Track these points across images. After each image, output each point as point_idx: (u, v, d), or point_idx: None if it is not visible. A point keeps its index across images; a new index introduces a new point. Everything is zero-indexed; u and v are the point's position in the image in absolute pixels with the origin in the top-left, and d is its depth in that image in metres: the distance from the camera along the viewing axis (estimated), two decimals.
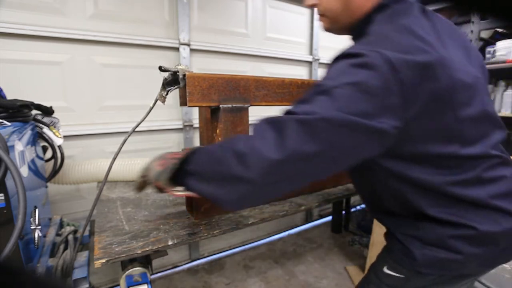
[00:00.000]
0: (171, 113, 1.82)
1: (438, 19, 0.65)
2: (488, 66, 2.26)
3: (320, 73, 2.49)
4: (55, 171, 1.15)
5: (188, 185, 0.62)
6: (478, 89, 0.60)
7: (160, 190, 0.71)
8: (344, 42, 0.69)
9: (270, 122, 0.56)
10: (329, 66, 0.59)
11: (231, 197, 0.55)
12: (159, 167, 0.67)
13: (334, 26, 0.75)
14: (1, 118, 0.84)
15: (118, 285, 1.43)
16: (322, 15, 0.74)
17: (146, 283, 0.77)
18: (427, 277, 0.65)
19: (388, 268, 0.70)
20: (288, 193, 1.12)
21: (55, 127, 1.10)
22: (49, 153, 1.13)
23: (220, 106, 0.89)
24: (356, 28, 0.69)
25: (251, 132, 0.60)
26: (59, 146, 1.13)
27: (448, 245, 0.61)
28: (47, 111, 1.13)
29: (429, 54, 0.52)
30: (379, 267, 0.73)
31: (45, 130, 1.05)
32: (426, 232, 0.63)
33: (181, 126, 1.83)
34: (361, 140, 0.52)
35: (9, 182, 0.64)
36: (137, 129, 0.85)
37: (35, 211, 0.83)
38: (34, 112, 1.07)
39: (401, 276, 0.68)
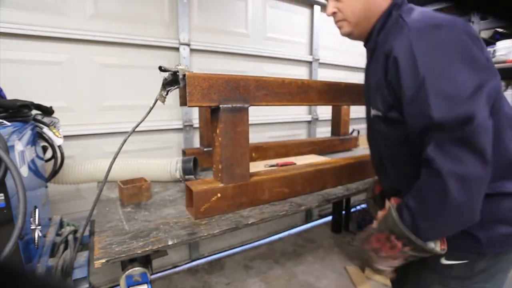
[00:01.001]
0: (171, 113, 1.82)
1: None
2: None
3: (320, 73, 2.49)
4: (55, 171, 1.15)
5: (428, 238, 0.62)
6: None
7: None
8: (344, 42, 0.69)
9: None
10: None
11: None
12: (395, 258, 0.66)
13: (355, 29, 0.78)
14: (1, 118, 0.84)
15: (118, 285, 1.43)
16: (342, 20, 0.79)
17: (146, 283, 0.77)
18: (493, 256, 0.65)
19: (447, 259, 0.68)
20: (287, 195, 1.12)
21: (55, 127, 1.10)
22: (49, 153, 1.13)
23: (220, 106, 0.89)
24: (376, 28, 0.75)
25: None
26: (59, 146, 1.13)
27: (509, 219, 0.62)
28: (47, 111, 1.13)
29: None
30: (434, 262, 0.69)
31: (45, 130, 1.05)
32: (485, 210, 0.60)
33: (181, 126, 1.83)
34: None
35: (9, 182, 0.64)
36: (137, 129, 0.85)
37: (35, 211, 0.83)
38: (34, 112, 1.07)
39: (465, 262, 0.67)
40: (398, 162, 0.75)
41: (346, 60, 2.69)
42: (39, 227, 0.83)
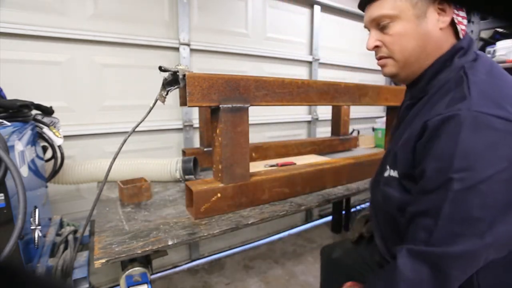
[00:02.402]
0: (171, 113, 1.82)
1: None
2: None
3: (320, 73, 2.49)
4: (55, 171, 1.15)
5: None
6: None
7: None
8: (344, 42, 0.68)
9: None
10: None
11: None
12: None
13: (402, 71, 0.65)
14: (1, 118, 0.84)
15: (118, 285, 1.43)
16: (387, 58, 0.65)
17: (146, 283, 0.77)
18: None
19: None
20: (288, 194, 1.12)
21: (55, 127, 1.10)
22: (49, 153, 1.13)
23: (220, 106, 0.89)
24: (428, 74, 0.62)
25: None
26: (59, 146, 1.13)
27: None
28: (47, 111, 1.13)
29: None
30: None
31: (45, 130, 1.05)
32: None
33: (181, 126, 1.83)
34: None
35: (9, 182, 0.64)
36: (137, 129, 0.85)
37: (35, 211, 0.83)
38: (34, 112, 1.07)
39: None
40: (390, 232, 0.68)
41: (346, 60, 2.69)
42: (39, 227, 0.83)
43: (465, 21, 0.61)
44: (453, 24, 0.60)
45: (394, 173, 0.63)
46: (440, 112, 0.52)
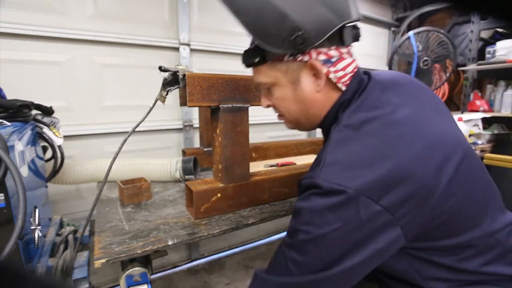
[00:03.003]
0: (171, 113, 1.82)
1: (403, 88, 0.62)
2: (488, 66, 2.27)
3: None
4: (55, 171, 1.15)
5: None
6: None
7: None
8: None
9: None
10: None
11: None
12: None
13: (298, 126, 0.69)
14: (1, 118, 0.84)
15: (118, 285, 1.43)
16: (281, 116, 0.69)
17: (146, 283, 0.77)
18: None
19: None
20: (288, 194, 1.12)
21: (55, 127, 1.10)
22: (49, 153, 1.13)
23: (220, 106, 0.89)
24: (324, 128, 0.66)
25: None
26: (59, 146, 1.13)
27: None
28: (47, 111, 1.13)
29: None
30: None
31: (45, 130, 1.05)
32: None
33: (181, 126, 1.83)
34: None
35: (9, 182, 0.64)
36: (137, 129, 0.85)
37: (35, 211, 0.83)
38: (34, 112, 1.07)
39: None
40: None
41: None
42: (39, 227, 0.83)
43: (350, 68, 0.59)
44: (332, 83, 0.59)
45: None
46: (307, 176, 0.56)
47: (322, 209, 0.50)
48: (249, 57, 0.63)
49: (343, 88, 0.60)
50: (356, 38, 0.59)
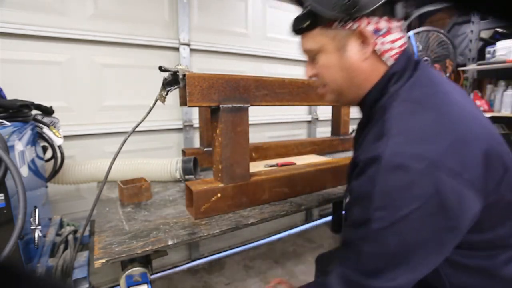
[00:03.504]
0: (171, 113, 1.82)
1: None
2: (488, 66, 2.27)
3: None
4: (55, 171, 1.15)
5: None
6: None
7: None
8: None
9: None
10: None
11: None
12: None
13: (340, 99, 0.67)
14: (1, 118, 0.84)
15: (118, 285, 1.43)
16: (323, 86, 0.67)
17: (146, 283, 0.77)
18: None
19: None
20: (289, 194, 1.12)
21: (55, 127, 1.10)
22: (49, 153, 1.13)
23: (220, 106, 0.89)
24: (368, 102, 0.62)
25: None
26: (59, 146, 1.13)
27: None
28: (47, 111, 1.13)
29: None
30: None
31: (45, 130, 1.05)
32: None
33: (181, 126, 1.83)
34: None
35: (9, 182, 0.64)
36: (137, 129, 0.85)
37: (35, 211, 0.83)
38: (34, 112, 1.07)
39: None
40: None
41: None
42: (39, 227, 0.83)
43: (398, 42, 0.58)
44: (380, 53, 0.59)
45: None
46: (365, 151, 0.53)
47: (395, 189, 0.46)
48: (299, 22, 0.62)
49: (390, 61, 0.59)
50: (408, 16, 0.58)
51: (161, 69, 0.82)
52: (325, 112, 2.56)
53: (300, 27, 0.63)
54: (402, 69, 0.58)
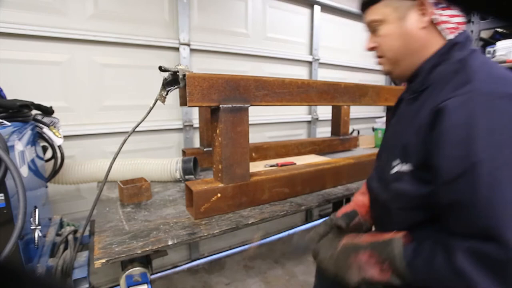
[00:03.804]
0: (171, 113, 1.82)
1: None
2: None
3: (320, 73, 2.49)
4: (55, 171, 1.15)
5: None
6: None
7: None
8: (344, 42, 0.69)
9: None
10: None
11: None
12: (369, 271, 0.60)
13: (395, 68, 0.71)
14: (1, 118, 0.84)
15: (118, 285, 1.43)
16: (381, 57, 0.72)
17: (146, 283, 0.77)
18: None
19: None
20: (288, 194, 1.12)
21: (55, 127, 1.10)
22: (49, 153, 1.13)
23: (220, 106, 0.89)
24: (426, 67, 0.65)
25: None
26: (59, 146, 1.13)
27: None
28: (47, 111, 1.13)
29: None
30: None
31: (45, 130, 1.05)
32: None
33: (181, 126, 1.83)
34: None
35: (9, 182, 0.64)
36: (137, 129, 0.85)
37: (35, 211, 0.83)
38: (34, 112, 1.07)
39: None
40: (406, 228, 0.64)
41: (346, 60, 2.69)
42: (39, 227, 0.83)
43: (455, 19, 0.63)
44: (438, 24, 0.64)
45: (405, 167, 0.63)
46: (449, 96, 0.53)
47: (504, 123, 0.46)
48: None
49: (446, 33, 0.63)
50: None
51: (161, 69, 0.82)
52: (325, 112, 2.56)
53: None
54: (464, 41, 0.63)
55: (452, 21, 0.62)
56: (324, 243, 0.76)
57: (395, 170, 0.66)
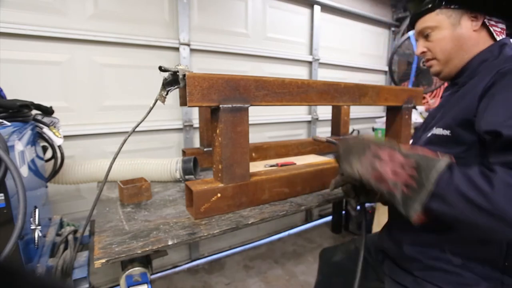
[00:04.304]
0: (171, 113, 1.82)
1: None
2: None
3: (320, 73, 2.49)
4: (55, 171, 1.15)
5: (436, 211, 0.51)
6: None
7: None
8: (344, 42, 0.69)
9: None
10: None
11: None
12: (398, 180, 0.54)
13: (445, 67, 0.80)
14: (1, 118, 0.84)
15: (118, 285, 1.43)
16: (432, 59, 0.82)
17: (146, 283, 0.77)
18: None
19: None
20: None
21: (55, 127, 1.10)
22: (49, 153, 1.13)
23: (220, 106, 0.89)
24: (476, 61, 0.74)
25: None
26: (59, 146, 1.13)
27: None
28: (47, 111, 1.13)
29: None
30: None
31: (45, 130, 1.05)
32: None
33: (181, 126, 1.83)
34: None
35: (9, 182, 0.64)
36: (137, 129, 0.85)
37: (35, 211, 0.83)
38: (34, 112, 1.07)
39: None
40: None
41: (346, 60, 2.69)
42: (39, 227, 0.83)
43: (500, 25, 0.75)
44: (486, 27, 0.74)
45: (442, 132, 0.69)
46: (504, 66, 0.62)
47: None
48: (423, 5, 0.79)
49: (496, 35, 0.74)
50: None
51: (161, 69, 0.82)
52: (325, 112, 2.56)
53: (425, 8, 0.79)
54: (510, 43, 0.73)
55: (498, 26, 0.74)
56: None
57: (430, 133, 0.73)
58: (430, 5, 0.77)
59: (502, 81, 0.60)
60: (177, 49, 1.74)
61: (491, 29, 0.74)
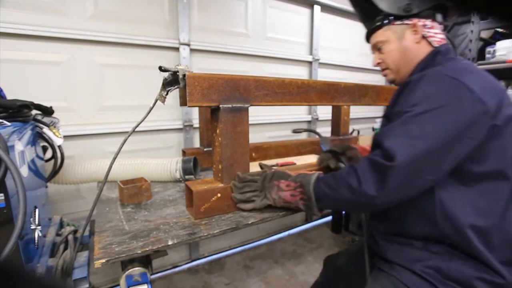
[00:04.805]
0: (171, 113, 1.82)
1: None
2: (488, 66, 2.27)
3: (320, 73, 2.48)
4: (55, 171, 1.15)
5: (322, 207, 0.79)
6: None
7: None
8: (344, 42, 0.69)
9: None
10: None
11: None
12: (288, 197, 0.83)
13: (397, 75, 0.91)
14: (1, 118, 0.84)
15: (118, 285, 1.43)
16: (386, 69, 0.92)
17: (146, 283, 0.77)
18: None
19: None
20: None
21: (55, 127, 1.10)
22: (49, 153, 1.13)
23: (220, 106, 0.89)
24: (417, 70, 0.85)
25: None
26: (59, 146, 1.13)
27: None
28: (47, 111, 1.13)
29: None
30: None
31: (45, 130, 1.05)
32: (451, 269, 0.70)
33: (181, 126, 1.83)
34: None
35: (9, 182, 0.64)
36: (137, 129, 0.85)
37: (35, 211, 0.83)
38: (34, 112, 1.07)
39: None
40: None
41: (346, 60, 2.69)
42: (39, 227, 0.83)
43: (439, 36, 0.84)
44: (425, 39, 0.85)
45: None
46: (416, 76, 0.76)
47: (431, 92, 0.70)
48: (374, 23, 0.90)
49: (434, 43, 0.84)
50: (445, 28, 0.87)
51: (161, 69, 0.82)
52: (325, 112, 2.56)
53: (375, 26, 0.90)
54: (445, 51, 0.82)
55: (437, 36, 0.84)
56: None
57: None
58: (379, 23, 0.89)
59: (409, 87, 0.75)
60: (177, 49, 1.75)
61: (429, 40, 0.84)
